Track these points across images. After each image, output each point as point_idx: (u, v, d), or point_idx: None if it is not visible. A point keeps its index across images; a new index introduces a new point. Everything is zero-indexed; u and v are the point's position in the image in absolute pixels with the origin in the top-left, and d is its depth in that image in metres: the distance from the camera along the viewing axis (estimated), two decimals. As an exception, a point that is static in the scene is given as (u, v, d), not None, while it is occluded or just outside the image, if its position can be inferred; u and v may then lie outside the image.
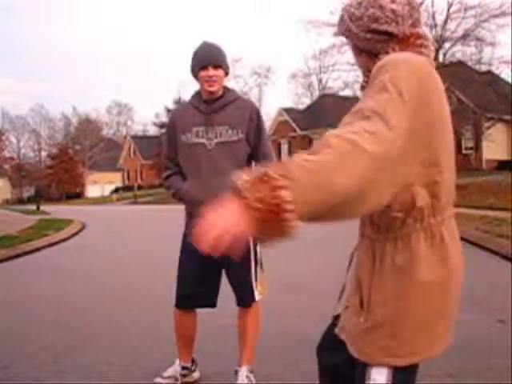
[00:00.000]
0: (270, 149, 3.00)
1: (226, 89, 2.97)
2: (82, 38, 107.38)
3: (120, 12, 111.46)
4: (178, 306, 3.03)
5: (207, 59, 2.83)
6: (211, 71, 2.83)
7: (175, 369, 3.13)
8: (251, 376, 2.99)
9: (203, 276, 2.94)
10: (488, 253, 7.51)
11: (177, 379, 3.11)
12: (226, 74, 2.92)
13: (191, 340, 3.12)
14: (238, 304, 3.03)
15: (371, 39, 1.47)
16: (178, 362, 3.14)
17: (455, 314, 1.46)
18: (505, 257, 6.99)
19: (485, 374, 3.09)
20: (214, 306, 3.05)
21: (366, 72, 1.52)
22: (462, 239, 6.49)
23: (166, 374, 3.11)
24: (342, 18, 1.53)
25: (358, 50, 1.53)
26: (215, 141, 2.86)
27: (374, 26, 1.45)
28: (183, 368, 3.13)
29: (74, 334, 4.22)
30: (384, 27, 1.44)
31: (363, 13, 1.46)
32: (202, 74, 2.84)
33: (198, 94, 2.98)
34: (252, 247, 2.96)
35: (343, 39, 1.60)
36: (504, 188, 17.12)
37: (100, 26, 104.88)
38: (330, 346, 1.66)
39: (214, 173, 2.80)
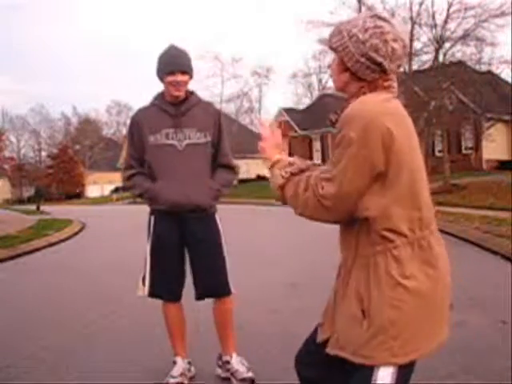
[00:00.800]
0: (228, 148, 3.17)
1: (188, 92, 3.07)
2: (83, 37, 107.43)
3: (120, 12, 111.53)
4: (167, 299, 3.10)
5: (175, 65, 2.93)
6: (179, 77, 2.93)
7: (181, 365, 3.11)
8: (244, 361, 3.10)
9: (179, 267, 3.07)
10: (488, 253, 7.50)
11: (186, 376, 3.09)
12: (191, 77, 3.03)
13: (184, 334, 3.17)
14: (215, 295, 3.10)
15: (363, 64, 1.61)
16: (179, 359, 3.13)
17: (446, 312, 1.65)
18: (505, 257, 6.99)
19: (485, 374, 3.09)
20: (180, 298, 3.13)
21: (339, 90, 1.72)
22: (462, 239, 6.48)
23: (175, 372, 3.08)
24: (339, 33, 1.65)
25: (343, 68, 1.66)
26: (185, 142, 2.98)
27: (373, 54, 1.59)
28: (189, 363, 3.16)
29: (74, 333, 4.23)
30: (380, 60, 1.60)
31: (367, 39, 1.59)
32: (169, 78, 2.93)
33: (161, 97, 3.06)
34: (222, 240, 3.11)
35: None
36: (504, 188, 17.11)
37: (100, 26, 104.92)
38: (311, 360, 1.81)
39: (189, 173, 2.95)
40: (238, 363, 3.08)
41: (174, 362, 3.13)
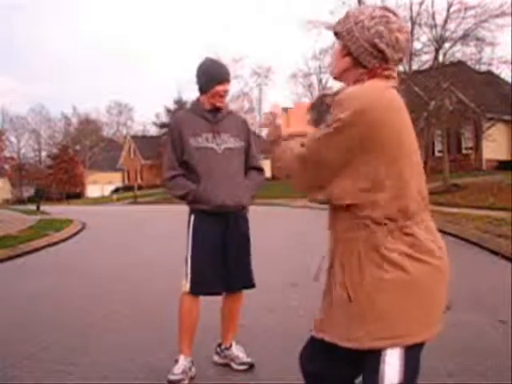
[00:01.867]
0: (257, 153, 3.44)
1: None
2: (83, 38, 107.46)
3: (120, 12, 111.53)
4: (192, 292, 3.19)
5: (226, 75, 3.20)
6: (227, 86, 3.20)
7: (183, 363, 3.13)
8: (242, 348, 3.33)
9: (219, 266, 3.19)
10: (488, 253, 7.50)
11: (187, 374, 3.11)
12: None
13: (195, 331, 3.23)
14: (239, 288, 3.28)
15: (367, 50, 1.64)
16: (182, 357, 3.15)
17: (437, 304, 1.63)
18: (505, 257, 6.99)
19: (485, 374, 3.09)
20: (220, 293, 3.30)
21: (336, 76, 1.75)
22: (462, 239, 6.48)
23: (177, 370, 3.10)
24: (346, 18, 1.68)
25: (345, 53, 1.68)
26: (223, 146, 3.21)
27: (377, 41, 1.62)
28: (191, 362, 3.18)
29: (74, 333, 4.23)
30: (383, 47, 1.63)
31: (372, 26, 1.63)
32: (219, 88, 3.16)
33: (197, 104, 3.29)
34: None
35: None
36: (504, 188, 17.11)
37: (100, 26, 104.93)
38: (313, 354, 1.82)
39: (224, 176, 3.16)
40: (237, 350, 3.31)
41: (176, 361, 3.14)
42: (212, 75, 3.16)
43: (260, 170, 3.43)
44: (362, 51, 1.64)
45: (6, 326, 4.57)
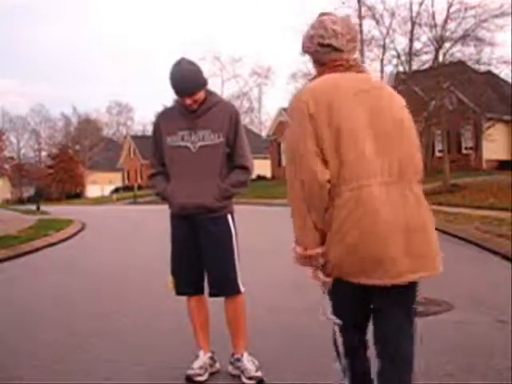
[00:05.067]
0: (245, 149, 3.18)
1: (207, 92, 3.13)
2: (83, 38, 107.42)
3: (120, 12, 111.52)
4: (176, 293, 3.21)
5: (180, 92, 3.03)
6: (187, 100, 3.01)
7: (202, 359, 3.14)
8: (254, 360, 3.14)
9: (197, 266, 3.15)
10: (488, 253, 7.50)
11: (206, 370, 3.12)
12: (204, 86, 3.09)
13: (207, 327, 3.23)
14: (222, 294, 3.17)
15: (319, 51, 2.12)
16: (201, 352, 3.17)
17: (383, 246, 1.92)
18: (505, 257, 6.98)
19: (485, 374, 3.09)
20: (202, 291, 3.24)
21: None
22: (462, 239, 6.49)
23: (195, 365, 3.11)
24: (303, 39, 2.17)
25: (314, 63, 2.18)
26: (199, 144, 3.06)
27: (320, 40, 2.10)
28: (211, 358, 3.19)
29: (74, 333, 4.22)
30: (327, 41, 2.09)
31: (315, 32, 2.12)
32: (183, 101, 3.03)
33: (177, 101, 3.15)
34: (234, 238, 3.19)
35: None
36: (504, 188, 17.09)
37: (100, 26, 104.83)
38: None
39: (193, 176, 3.03)
40: (248, 361, 3.12)
41: (197, 356, 3.16)
42: (171, 87, 3.04)
43: (244, 168, 3.16)
44: (317, 55, 2.13)
45: (6, 325, 4.57)
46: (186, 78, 3.01)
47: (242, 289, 3.16)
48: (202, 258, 3.14)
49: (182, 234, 3.15)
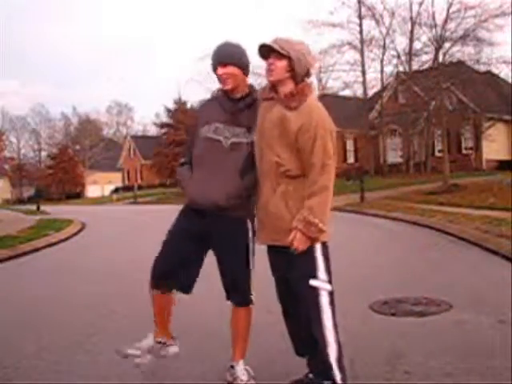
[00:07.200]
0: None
1: (251, 87, 3.01)
2: (82, 38, 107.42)
3: (120, 12, 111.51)
4: (156, 286, 3.01)
5: (213, 59, 2.92)
6: (219, 70, 2.89)
7: (148, 342, 3.10)
8: (249, 369, 3.03)
9: (189, 257, 2.98)
10: (488, 253, 7.50)
11: (149, 352, 3.07)
12: (243, 70, 2.94)
13: (168, 316, 3.11)
14: (232, 301, 3.05)
15: (301, 74, 2.81)
16: (151, 336, 3.11)
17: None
18: (505, 257, 6.98)
19: (485, 374, 3.09)
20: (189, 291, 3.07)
21: (274, 80, 2.85)
22: (462, 239, 6.48)
23: (138, 345, 3.07)
24: (294, 45, 2.83)
25: (289, 69, 2.81)
26: (231, 140, 2.92)
27: (309, 68, 2.85)
28: (158, 342, 3.10)
29: (74, 333, 4.22)
30: (310, 70, 2.85)
31: (305, 57, 2.81)
32: (216, 72, 2.91)
33: (224, 91, 2.98)
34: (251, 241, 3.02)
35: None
36: (504, 188, 17.09)
37: (100, 26, 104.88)
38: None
39: (214, 172, 2.89)
40: (241, 370, 3.01)
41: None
42: (211, 61, 2.95)
43: None
44: (302, 73, 2.77)
45: (6, 325, 4.57)
46: (223, 48, 2.94)
47: (254, 298, 3.04)
48: (201, 258, 3.04)
49: (186, 223, 3.00)
